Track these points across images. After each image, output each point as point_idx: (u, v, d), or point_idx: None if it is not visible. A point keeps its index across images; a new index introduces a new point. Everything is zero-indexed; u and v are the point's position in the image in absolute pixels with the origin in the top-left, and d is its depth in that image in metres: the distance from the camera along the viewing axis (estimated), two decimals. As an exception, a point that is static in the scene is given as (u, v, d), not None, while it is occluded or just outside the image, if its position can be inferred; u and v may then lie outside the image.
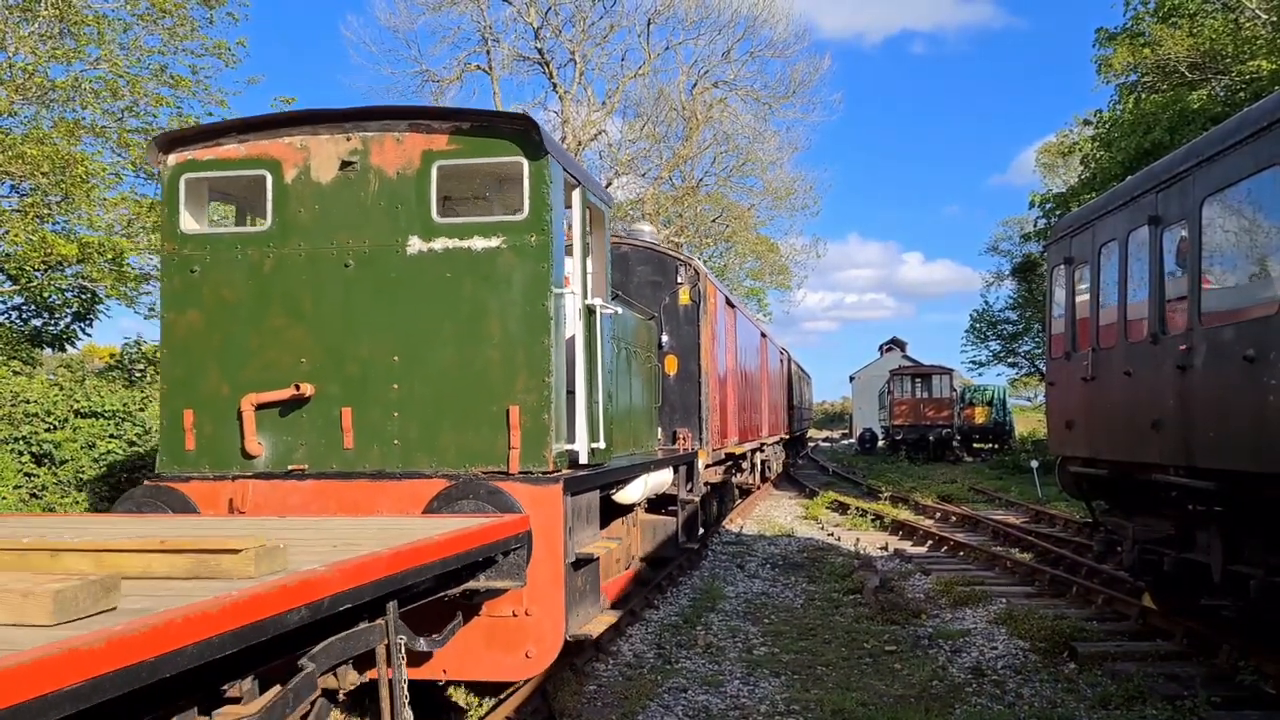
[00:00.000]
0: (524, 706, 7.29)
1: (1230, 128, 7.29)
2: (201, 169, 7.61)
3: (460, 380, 7.13)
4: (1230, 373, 6.95)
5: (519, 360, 7.07)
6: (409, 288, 7.23)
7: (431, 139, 7.31)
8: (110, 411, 15.44)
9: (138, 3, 17.86)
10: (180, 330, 7.54)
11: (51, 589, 2.97)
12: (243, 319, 7.43)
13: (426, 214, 7.24)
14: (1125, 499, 9.79)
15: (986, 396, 49.35)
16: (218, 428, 7.35)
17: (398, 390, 7.19)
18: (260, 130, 7.59)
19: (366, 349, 7.24)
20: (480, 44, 35.00)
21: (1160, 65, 24.32)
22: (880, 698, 7.84)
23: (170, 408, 7.50)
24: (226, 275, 7.46)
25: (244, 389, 7.26)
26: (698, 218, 41.14)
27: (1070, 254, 10.50)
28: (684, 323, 13.42)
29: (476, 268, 7.16)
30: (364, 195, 7.33)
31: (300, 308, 7.34)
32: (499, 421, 7.03)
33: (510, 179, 7.62)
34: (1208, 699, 7.34)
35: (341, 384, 7.25)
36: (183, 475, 7.29)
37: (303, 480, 7.16)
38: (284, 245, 7.39)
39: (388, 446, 7.17)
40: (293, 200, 7.40)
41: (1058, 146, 48.03)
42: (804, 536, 17.94)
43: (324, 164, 7.39)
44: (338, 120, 7.44)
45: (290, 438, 7.31)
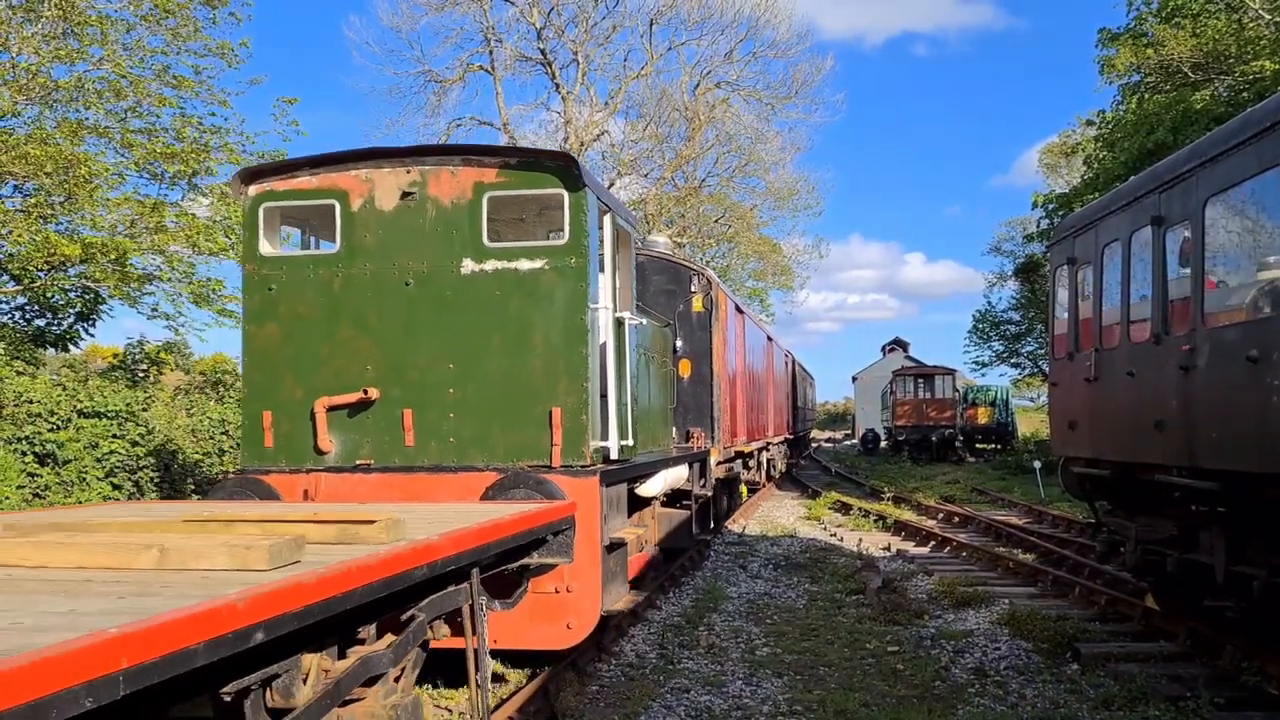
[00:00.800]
0: (526, 706, 7.29)
1: (1233, 128, 7.28)
2: (278, 199, 8.59)
3: (508, 385, 8.08)
4: (1233, 373, 6.95)
5: (560, 368, 8.02)
6: (462, 304, 8.18)
7: (482, 172, 8.26)
8: (113, 412, 15.47)
9: (141, 3, 17.89)
10: (259, 341, 8.50)
11: (265, 544, 3.94)
12: (315, 331, 8.37)
13: (478, 239, 8.18)
14: (1128, 500, 9.78)
15: (989, 397, 49.32)
16: (293, 427, 8.29)
17: (453, 394, 8.14)
18: (330, 165, 8.55)
19: (425, 358, 8.18)
20: (483, 44, 35.05)
21: (1163, 65, 24.29)
22: (883, 698, 7.84)
23: (251, 409, 8.46)
24: (300, 292, 8.42)
25: (316, 393, 8.20)
26: (700, 218, 41.15)
27: (1073, 254, 10.49)
28: (697, 329, 14.13)
29: (522, 286, 8.11)
30: (422, 222, 8.28)
31: (366, 321, 8.30)
32: (543, 421, 7.99)
33: (552, 207, 8.57)
34: (1211, 700, 7.32)
35: (403, 388, 8.18)
36: (263, 469, 8.18)
37: (369, 473, 8.04)
38: (351, 266, 8.35)
39: (444, 443, 8.11)
40: (359, 226, 8.36)
41: (1060, 147, 48.00)
42: (806, 537, 17.94)
43: (386, 194, 8.33)
44: (399, 156, 8.46)
45: (357, 436, 8.24)
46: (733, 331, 16.71)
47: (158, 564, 4.05)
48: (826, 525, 19.89)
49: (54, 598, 3.41)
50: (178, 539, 4.35)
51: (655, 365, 10.97)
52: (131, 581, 3.77)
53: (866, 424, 65.59)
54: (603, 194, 8.72)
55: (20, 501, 13.11)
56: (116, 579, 3.83)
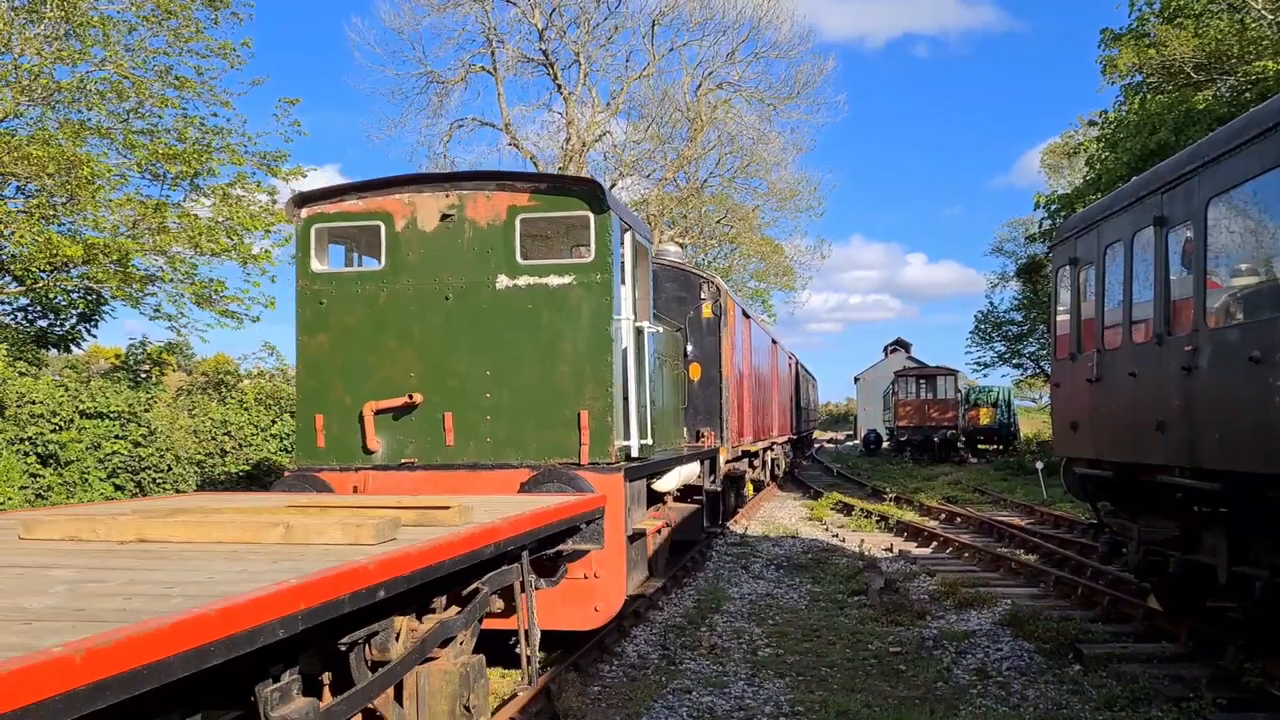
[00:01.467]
0: (529, 707, 7.29)
1: (1236, 128, 7.27)
2: (328, 220, 9.37)
3: (540, 390, 8.83)
4: (1235, 374, 6.94)
5: (587, 374, 8.77)
6: (498, 316, 8.92)
7: (515, 196, 9.02)
8: (115, 412, 15.48)
9: (143, 4, 17.90)
10: (311, 350, 9.28)
11: (372, 523, 4.64)
12: (362, 341, 9.13)
13: (511, 257, 8.94)
14: (1130, 500, 9.77)
15: (991, 398, 49.30)
16: (343, 429, 9.06)
17: (489, 398, 8.90)
18: (376, 189, 9.33)
19: (464, 365, 8.94)
20: (485, 45, 35.02)
21: (1165, 66, 24.27)
22: (885, 699, 7.84)
23: (304, 413, 9.26)
24: (349, 306, 9.20)
25: (364, 398, 8.95)
26: (702, 219, 41.13)
27: (1075, 255, 10.49)
28: (707, 334, 14.85)
29: (553, 300, 8.86)
30: (460, 241, 9.04)
31: (409, 332, 9.05)
32: (572, 423, 8.74)
33: (579, 228, 9.26)
34: (1213, 701, 7.32)
35: (443, 394, 8.92)
36: (316, 467, 8.91)
37: (413, 471, 8.80)
38: (395, 281, 9.11)
39: (481, 443, 8.87)
40: (403, 245, 9.13)
41: (1063, 147, 47.96)
42: (808, 537, 17.93)
43: (428, 215, 9.10)
44: (439, 181, 9.34)
45: (402, 437, 9.00)
46: (740, 336, 17.49)
47: (284, 539, 4.79)
48: (828, 526, 19.89)
49: (223, 561, 4.21)
50: (300, 518, 5.03)
51: (669, 369, 11.55)
52: (270, 552, 4.51)
53: (868, 425, 65.54)
54: (624, 213, 9.47)
55: (22, 502, 13.12)
56: (256, 550, 4.55)
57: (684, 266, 15.69)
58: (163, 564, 4.18)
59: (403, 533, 4.94)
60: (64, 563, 4.25)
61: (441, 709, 5.50)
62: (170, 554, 4.49)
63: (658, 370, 10.58)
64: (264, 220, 19.87)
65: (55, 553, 4.61)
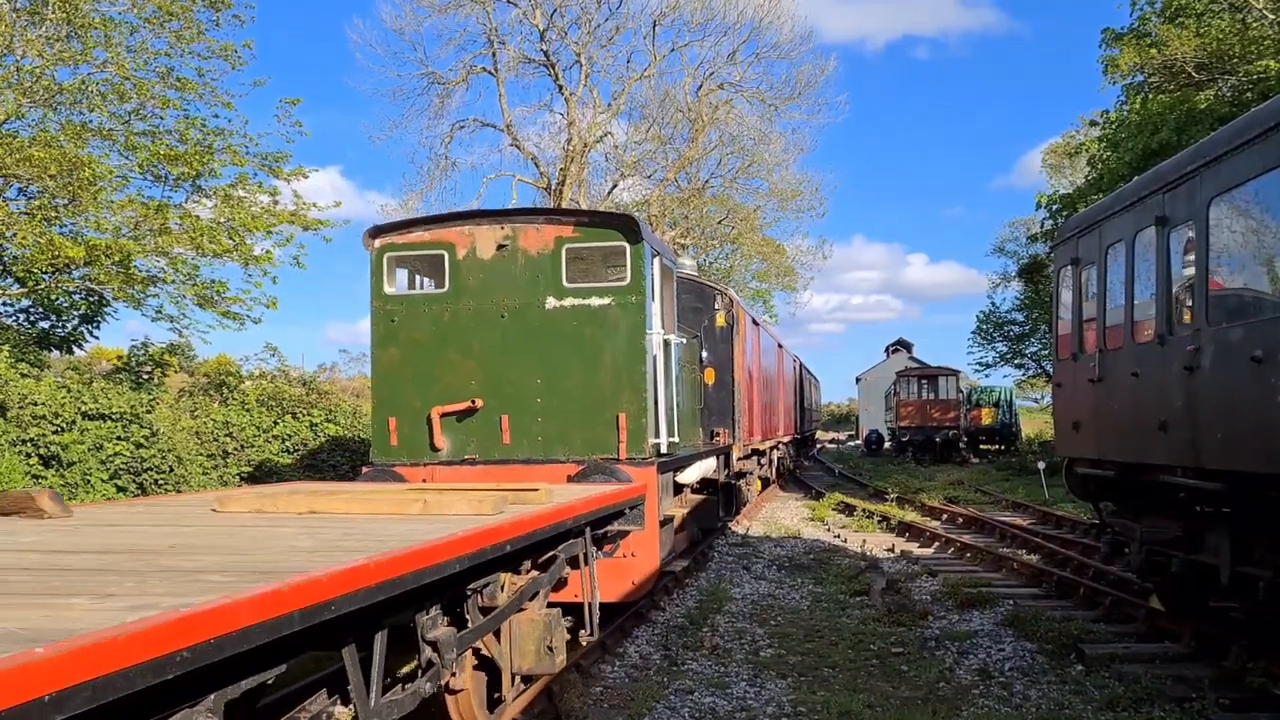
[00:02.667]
0: (531, 708, 7.29)
1: (1238, 128, 7.27)
2: (398, 249, 10.65)
3: (583, 395, 10.13)
4: (1238, 374, 6.93)
5: (624, 382, 10.10)
6: (546, 332, 10.22)
7: (561, 229, 10.36)
8: (117, 414, 15.49)
9: (145, 6, 17.91)
10: (384, 362, 10.59)
11: (491, 497, 6.00)
12: (428, 354, 10.43)
13: (558, 281, 10.25)
14: (1132, 500, 9.77)
15: (993, 398, 49.26)
16: (412, 430, 10.32)
17: (540, 403, 10.21)
18: (440, 223, 10.82)
19: (517, 375, 10.23)
20: (486, 46, 35.02)
21: (1167, 65, 24.26)
22: (887, 700, 7.83)
23: (379, 416, 10.54)
24: (416, 323, 10.51)
25: (431, 403, 10.23)
26: (704, 219, 41.11)
27: (1077, 255, 10.48)
28: (720, 341, 16.15)
29: (594, 318, 10.20)
30: (514, 267, 10.34)
31: (470, 346, 10.35)
32: (611, 423, 10.07)
33: (616, 255, 10.59)
34: (1216, 701, 7.32)
35: (500, 399, 10.23)
36: (390, 462, 10.18)
37: (474, 465, 10.13)
38: (457, 302, 10.43)
39: (533, 441, 10.19)
40: (463, 271, 10.43)
41: (1064, 147, 47.91)
42: (810, 538, 17.93)
43: (485, 245, 10.39)
44: (495, 216, 10.73)
45: (464, 436, 10.31)
46: (750, 342, 18.81)
47: (423, 511, 5.96)
48: (830, 526, 19.88)
49: (395, 524, 5.34)
50: (432, 495, 6.42)
51: (687, 373, 12.60)
52: (419, 518, 5.66)
53: (870, 425, 65.45)
54: (653, 242, 10.69)
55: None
56: (407, 518, 5.70)
57: (699, 279, 16.97)
58: (352, 527, 5.29)
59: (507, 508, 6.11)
60: (279, 526, 5.44)
61: (529, 649, 6.74)
62: (347, 521, 5.70)
63: (680, 376, 11.70)
64: (265, 221, 19.88)
65: (249, 525, 5.61)
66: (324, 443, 19.47)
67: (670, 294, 11.56)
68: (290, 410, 19.84)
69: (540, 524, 5.87)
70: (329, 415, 20.34)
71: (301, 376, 24.24)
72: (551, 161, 36.59)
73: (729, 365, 16.42)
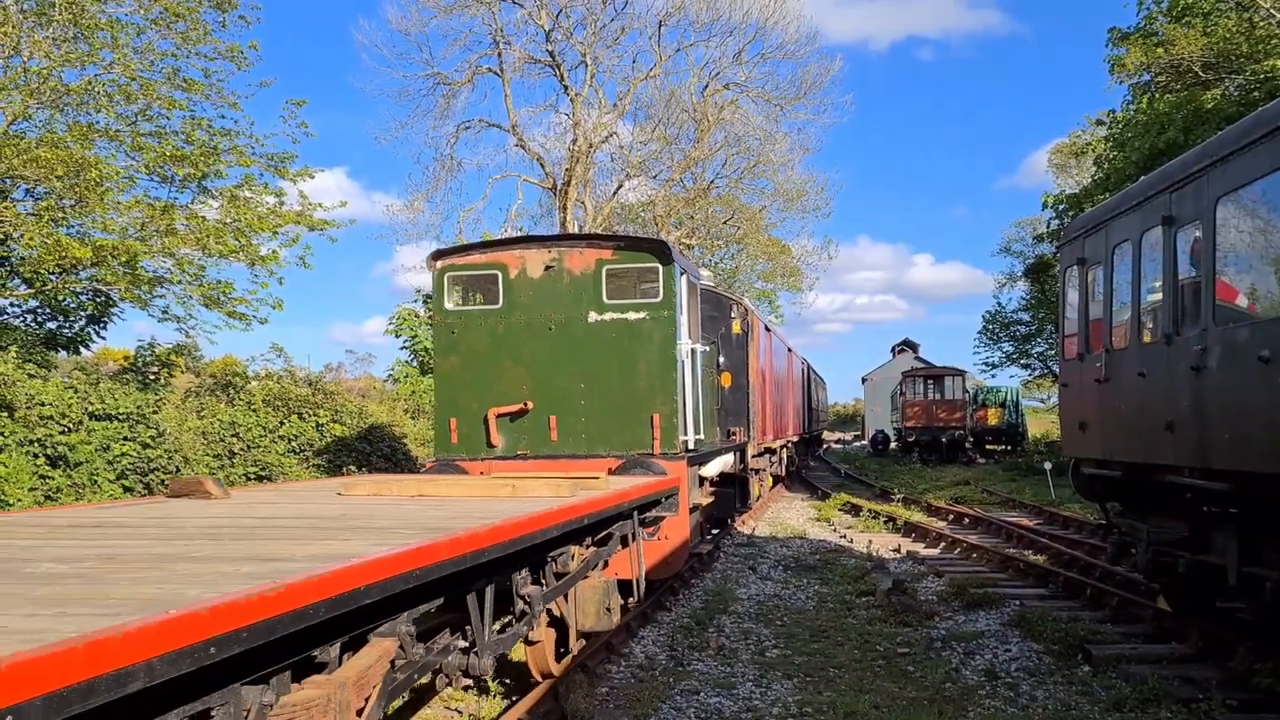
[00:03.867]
0: (536, 708, 7.29)
1: (1245, 127, 7.25)
2: (457, 270, 11.94)
3: (622, 398, 11.35)
4: (1245, 374, 6.91)
5: (658, 386, 11.33)
6: (589, 343, 11.43)
7: (601, 252, 11.60)
8: (124, 414, 15.51)
9: (151, 7, 17.94)
10: (445, 369, 11.92)
11: (566, 483, 7.44)
12: (484, 362, 11.64)
13: (599, 298, 11.47)
14: (1139, 501, 9.74)
15: (999, 398, 49.18)
16: (471, 429, 11.58)
17: (584, 405, 11.40)
18: (495, 247, 12.33)
19: (564, 380, 11.42)
20: (491, 47, 35.03)
21: (1174, 65, 24.19)
22: (893, 700, 7.82)
23: (441, 417, 11.87)
24: (474, 335, 11.71)
25: (487, 405, 11.47)
26: (709, 219, 41.09)
27: (1083, 255, 10.46)
28: (735, 347, 17.36)
29: (631, 331, 11.42)
30: (560, 286, 11.55)
31: (521, 354, 11.55)
32: (646, 423, 11.30)
33: (650, 275, 11.73)
34: (1223, 702, 7.30)
35: (549, 401, 11.43)
36: (452, 457, 11.46)
37: (526, 460, 11.33)
38: (510, 316, 11.61)
39: (578, 439, 11.39)
40: (515, 289, 11.63)
41: (1070, 147, 47.78)
42: (816, 538, 17.91)
43: (534, 266, 11.59)
44: (543, 241, 12.12)
45: (517, 434, 11.53)
46: (763, 348, 20.31)
47: (512, 493, 7.11)
48: (836, 526, 19.86)
49: (495, 503, 6.51)
50: (517, 480, 7.76)
51: (707, 377, 13.61)
52: (509, 500, 6.80)
53: (876, 425, 65.34)
54: (681, 262, 11.85)
55: (32, 503, 13.15)
56: (500, 500, 6.84)
57: (717, 290, 18.23)
58: (463, 505, 6.40)
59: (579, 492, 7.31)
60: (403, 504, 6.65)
61: (591, 610, 8.10)
62: (454, 501, 6.83)
63: (702, 380, 12.81)
64: (271, 222, 19.89)
65: (380, 503, 6.77)
66: (329, 443, 19.49)
67: (695, 307, 12.90)
68: (296, 410, 19.86)
69: (606, 504, 7.27)
70: (335, 415, 20.36)
71: (307, 377, 24.26)
72: (557, 162, 36.61)
73: (744, 369, 17.68)
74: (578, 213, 35.38)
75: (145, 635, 2.55)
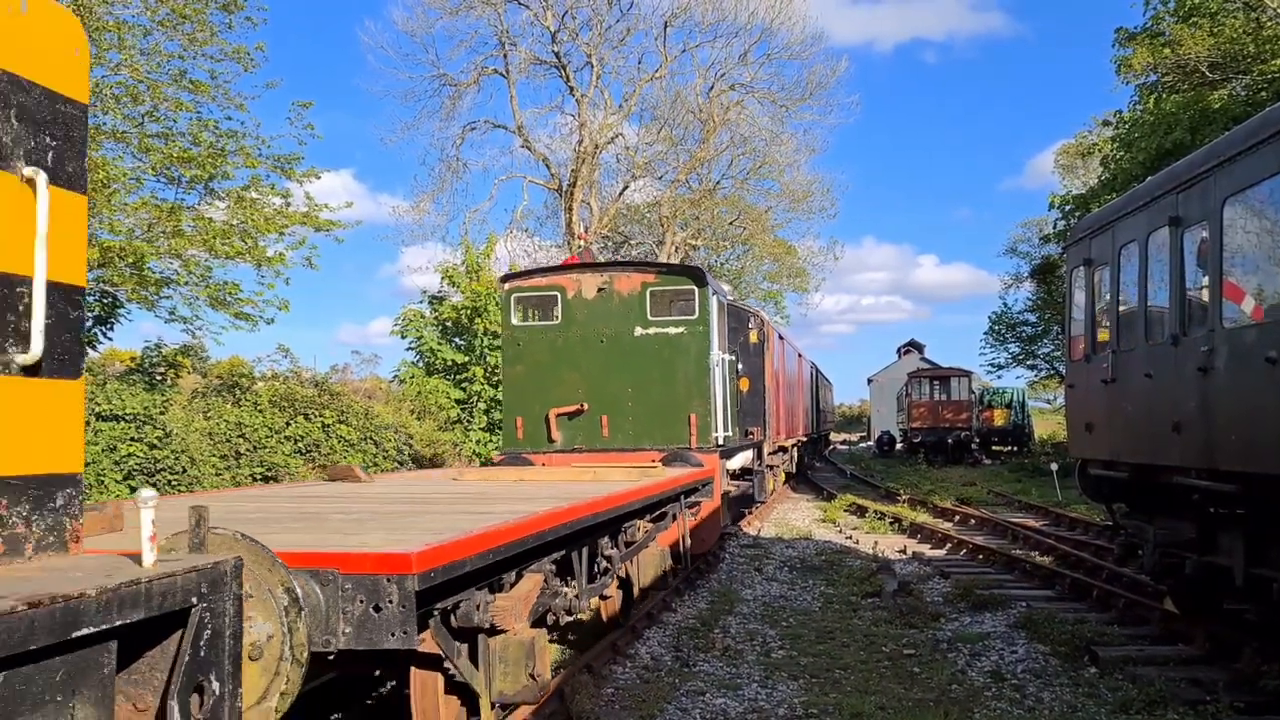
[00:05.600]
0: (541, 709, 7.29)
1: (1252, 127, 7.23)
2: (522, 292, 14.09)
3: (663, 401, 13.37)
4: (1252, 375, 6.89)
5: (694, 391, 13.41)
6: (635, 354, 13.46)
7: (645, 276, 13.71)
8: (131, 415, 15.54)
9: (158, 9, 17.99)
10: (512, 376, 14.09)
11: (636, 470, 10.54)
12: (545, 370, 13.72)
13: (644, 315, 13.55)
14: (1146, 502, 9.72)
15: (1005, 399, 49.13)
16: (534, 426, 13.69)
17: (631, 406, 13.43)
18: (555, 272, 14.59)
19: (614, 385, 13.47)
20: (497, 48, 35.11)
21: (1180, 65, 24.14)
22: (899, 701, 7.81)
23: (510, 416, 14.03)
24: (537, 346, 13.84)
25: (548, 406, 13.56)
26: (715, 220, 41.08)
27: (1090, 255, 10.44)
28: (753, 355, 19.18)
29: (671, 343, 13.47)
30: (611, 305, 13.62)
31: (577, 363, 13.61)
32: (685, 422, 13.35)
33: (687, 295, 13.74)
34: (1230, 704, 7.27)
35: (601, 403, 13.50)
36: (519, 451, 13.48)
37: (581, 453, 13.32)
38: (568, 331, 13.73)
39: (626, 434, 13.43)
40: (572, 307, 13.74)
41: (1077, 147, 47.70)
42: (822, 539, 17.89)
43: (589, 288, 13.68)
44: (596, 268, 14.10)
45: (573, 431, 13.60)
46: (777, 355, 22.63)
47: (594, 478, 9.07)
48: (842, 528, 19.84)
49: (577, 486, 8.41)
50: (598, 468, 10.31)
51: (730, 383, 15.17)
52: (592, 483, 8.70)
53: (882, 426, 65.30)
54: (713, 284, 13.91)
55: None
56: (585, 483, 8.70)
57: (737, 304, 19.89)
58: (563, 488, 8.26)
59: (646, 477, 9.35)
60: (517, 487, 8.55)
61: (650, 573, 9.75)
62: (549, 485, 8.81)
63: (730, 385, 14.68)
64: (278, 223, 19.93)
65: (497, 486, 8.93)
66: (335, 443, 19.51)
67: (723, 322, 14.73)
68: (303, 411, 19.89)
69: (666, 488, 9.50)
70: (341, 416, 20.39)
71: (314, 377, 24.31)
72: (562, 163, 36.65)
73: (760, 375, 19.53)
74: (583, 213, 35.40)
75: (468, 542, 4.62)
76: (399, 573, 4.00)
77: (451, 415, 26.01)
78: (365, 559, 4.05)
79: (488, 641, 5.50)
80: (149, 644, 2.80)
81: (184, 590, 2.76)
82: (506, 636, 5.58)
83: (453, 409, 26.13)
